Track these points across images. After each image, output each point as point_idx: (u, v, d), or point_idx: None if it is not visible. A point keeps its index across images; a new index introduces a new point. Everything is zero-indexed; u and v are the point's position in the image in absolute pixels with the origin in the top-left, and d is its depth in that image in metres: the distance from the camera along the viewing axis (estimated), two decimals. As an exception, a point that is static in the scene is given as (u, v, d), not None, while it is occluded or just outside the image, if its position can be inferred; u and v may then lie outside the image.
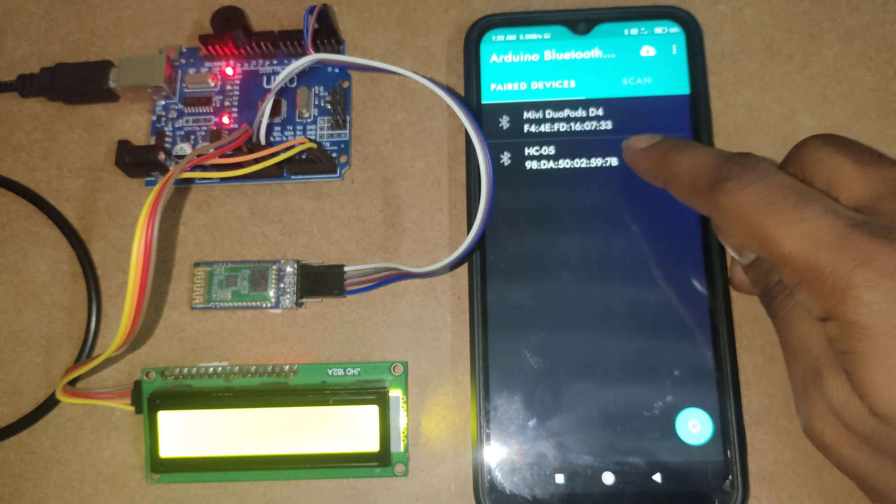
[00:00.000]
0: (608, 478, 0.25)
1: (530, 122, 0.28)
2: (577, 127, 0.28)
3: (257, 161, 0.27)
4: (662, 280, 0.26)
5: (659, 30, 0.29)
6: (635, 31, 0.29)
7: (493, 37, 0.29)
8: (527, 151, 0.28)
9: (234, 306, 0.27)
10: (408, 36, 0.30)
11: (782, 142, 0.28)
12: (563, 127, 0.28)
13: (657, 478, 0.25)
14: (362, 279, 0.27)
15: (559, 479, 0.25)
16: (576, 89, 0.28)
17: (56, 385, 0.27)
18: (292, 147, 0.27)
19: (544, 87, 0.28)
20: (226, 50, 0.29)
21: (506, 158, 0.28)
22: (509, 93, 0.28)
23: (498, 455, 0.25)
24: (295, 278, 0.27)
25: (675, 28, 0.29)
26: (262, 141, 0.28)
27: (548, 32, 0.29)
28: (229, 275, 0.27)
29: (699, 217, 0.27)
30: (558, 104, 0.28)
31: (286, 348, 0.27)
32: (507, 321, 0.26)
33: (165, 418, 0.26)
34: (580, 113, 0.28)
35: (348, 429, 0.25)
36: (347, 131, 0.29)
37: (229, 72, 0.30)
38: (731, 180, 0.20)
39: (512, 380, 0.26)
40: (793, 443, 0.25)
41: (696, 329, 0.26)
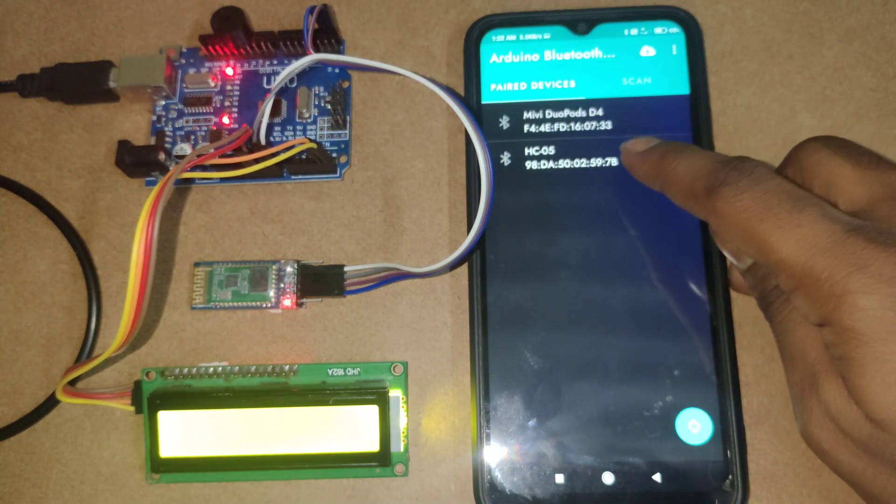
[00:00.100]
0: (608, 478, 0.25)
1: (530, 122, 0.28)
2: (577, 127, 0.28)
3: (257, 161, 0.27)
4: (662, 280, 0.26)
5: (659, 30, 0.29)
6: (635, 31, 0.29)
7: (493, 37, 0.29)
8: (527, 151, 0.28)
9: (234, 306, 0.27)
10: (408, 36, 0.30)
11: (782, 142, 0.28)
12: (563, 127, 0.28)
13: (657, 478, 0.25)
14: (362, 279, 0.27)
15: (559, 479, 0.25)
16: (576, 89, 0.28)
17: (56, 385, 0.27)
18: (292, 147, 0.27)
19: (544, 88, 0.28)
20: (226, 50, 0.29)
21: (506, 158, 0.28)
22: (509, 93, 0.28)
23: (498, 455, 0.25)
24: (295, 278, 0.27)
25: (675, 28, 0.29)
26: (262, 141, 0.28)
27: (548, 32, 0.29)
28: (229, 275, 0.27)
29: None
30: (558, 104, 0.28)
31: (286, 348, 0.27)
32: (507, 321, 0.26)
33: (165, 418, 0.26)
34: (580, 113, 0.28)
35: (348, 429, 0.25)
36: (347, 131, 0.29)
37: (229, 72, 0.30)
38: (727, 185, 0.20)
39: (512, 380, 0.26)
40: (793, 443, 0.25)
41: (695, 329, 0.26)
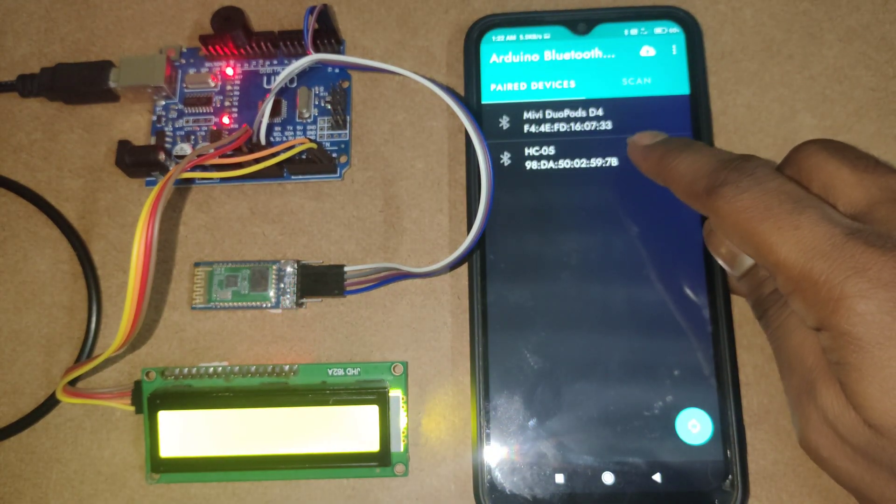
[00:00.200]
0: (608, 478, 0.25)
1: (530, 123, 0.28)
2: (577, 127, 0.28)
3: (257, 161, 0.27)
4: (662, 280, 0.26)
5: (659, 30, 0.29)
6: (635, 31, 0.29)
7: (493, 37, 0.29)
8: (527, 151, 0.28)
9: (234, 306, 0.27)
10: (408, 36, 0.30)
11: (782, 142, 0.28)
12: (563, 127, 0.28)
13: (657, 478, 0.25)
14: (362, 279, 0.27)
15: (559, 479, 0.25)
16: (576, 89, 0.28)
17: (56, 385, 0.27)
18: (292, 147, 0.27)
19: (544, 88, 0.28)
20: (226, 50, 0.29)
21: (506, 158, 0.28)
22: (509, 93, 0.28)
23: (498, 455, 0.25)
24: (295, 278, 0.27)
25: (674, 28, 0.29)
26: (263, 141, 0.28)
27: (548, 32, 0.29)
28: (229, 275, 0.27)
29: (699, 217, 0.27)
30: (558, 104, 0.28)
31: (286, 348, 0.27)
32: (507, 321, 0.26)
33: (165, 418, 0.26)
34: (580, 113, 0.28)
35: (348, 429, 0.25)
36: (347, 131, 0.29)
37: (229, 72, 0.30)
38: (727, 185, 0.20)
39: (512, 380, 0.26)
40: (793, 443, 0.25)
41: (695, 329, 0.26)
